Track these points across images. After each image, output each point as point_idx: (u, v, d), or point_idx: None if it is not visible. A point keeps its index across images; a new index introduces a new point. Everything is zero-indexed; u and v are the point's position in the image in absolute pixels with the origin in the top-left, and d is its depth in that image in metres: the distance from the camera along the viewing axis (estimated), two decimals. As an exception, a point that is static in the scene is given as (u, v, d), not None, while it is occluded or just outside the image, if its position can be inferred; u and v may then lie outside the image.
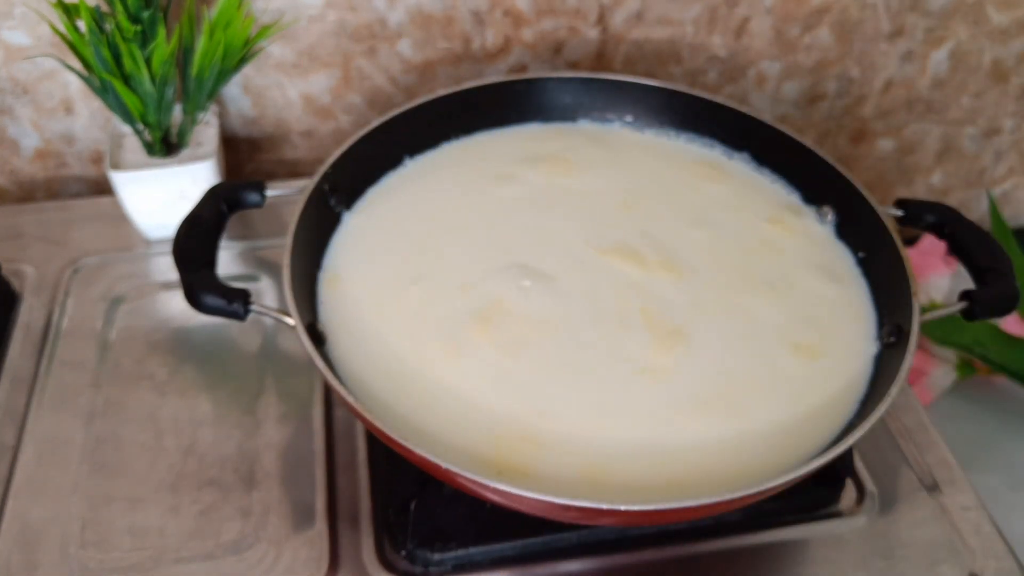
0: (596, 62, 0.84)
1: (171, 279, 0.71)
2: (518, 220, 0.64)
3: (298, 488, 0.58)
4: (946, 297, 0.89)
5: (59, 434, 0.61)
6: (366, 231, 0.65)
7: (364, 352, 0.57)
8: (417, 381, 0.55)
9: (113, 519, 0.56)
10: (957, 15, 0.86)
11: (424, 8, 0.78)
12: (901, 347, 0.53)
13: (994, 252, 0.58)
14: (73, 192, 0.85)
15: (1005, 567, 0.56)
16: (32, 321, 0.68)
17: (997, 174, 1.01)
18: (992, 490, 0.66)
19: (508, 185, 0.67)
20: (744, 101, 0.89)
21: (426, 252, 0.63)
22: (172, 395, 0.64)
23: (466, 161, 0.70)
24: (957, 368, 0.87)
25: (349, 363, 0.56)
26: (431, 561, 0.54)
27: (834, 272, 0.62)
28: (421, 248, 0.63)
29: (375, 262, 0.62)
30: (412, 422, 0.53)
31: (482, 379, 0.55)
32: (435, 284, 0.60)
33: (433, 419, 0.53)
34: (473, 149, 0.71)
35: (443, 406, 0.54)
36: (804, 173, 0.67)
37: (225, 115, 0.82)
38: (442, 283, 0.60)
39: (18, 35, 0.74)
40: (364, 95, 0.83)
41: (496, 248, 0.62)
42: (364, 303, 0.60)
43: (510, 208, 0.65)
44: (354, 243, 0.64)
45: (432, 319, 0.58)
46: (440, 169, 0.69)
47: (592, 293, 0.58)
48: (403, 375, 0.55)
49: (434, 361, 0.56)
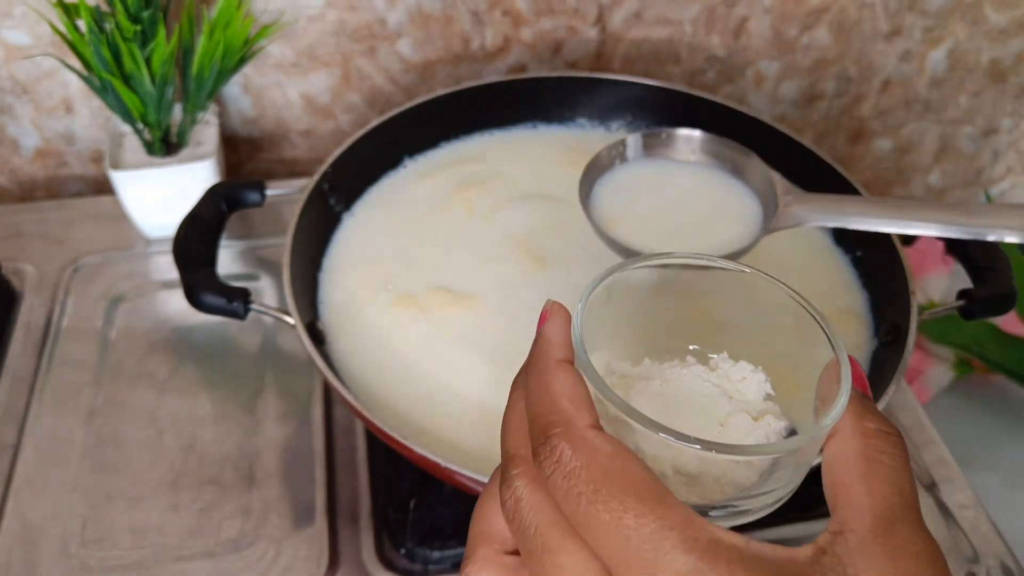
0: (595, 62, 0.85)
1: (171, 278, 0.72)
2: (518, 219, 0.64)
3: (298, 486, 0.58)
4: (944, 296, 0.89)
5: (59, 433, 0.61)
6: (366, 230, 0.65)
7: (364, 351, 0.57)
8: (417, 380, 0.55)
9: (113, 517, 0.57)
10: (955, 15, 0.86)
11: (423, 8, 0.78)
12: (899, 346, 0.54)
13: (992, 251, 0.58)
14: (73, 191, 0.85)
15: (1003, 565, 0.56)
16: (32, 320, 0.68)
17: (995, 173, 1.01)
18: (990, 488, 0.66)
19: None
20: (742, 101, 0.89)
21: (426, 251, 0.63)
22: (172, 394, 0.64)
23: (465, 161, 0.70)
24: (955, 367, 0.87)
25: (349, 362, 0.57)
26: (431, 559, 0.54)
27: (831, 271, 0.62)
28: (421, 247, 0.63)
29: (375, 261, 0.63)
30: (411, 421, 0.53)
31: (482, 378, 0.55)
32: (435, 283, 0.61)
33: (433, 418, 0.53)
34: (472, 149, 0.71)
35: (443, 405, 0.54)
36: (802, 173, 0.67)
37: (225, 114, 0.82)
38: (442, 282, 0.60)
39: (18, 34, 0.74)
40: (364, 95, 0.83)
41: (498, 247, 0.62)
42: (364, 302, 0.60)
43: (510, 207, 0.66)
44: (354, 242, 0.64)
45: (432, 318, 0.58)
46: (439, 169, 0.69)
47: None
48: (403, 374, 0.56)
49: (434, 359, 0.56)
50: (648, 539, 0.23)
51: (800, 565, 0.24)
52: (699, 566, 0.23)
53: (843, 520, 0.25)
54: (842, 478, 0.26)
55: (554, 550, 0.24)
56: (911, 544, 0.25)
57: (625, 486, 0.24)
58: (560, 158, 0.69)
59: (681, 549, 0.23)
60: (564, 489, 0.24)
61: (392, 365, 0.56)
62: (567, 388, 0.26)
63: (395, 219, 0.65)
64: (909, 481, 0.26)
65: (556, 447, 0.25)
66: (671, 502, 0.24)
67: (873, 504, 0.25)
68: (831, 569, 0.24)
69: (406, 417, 0.53)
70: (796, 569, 0.24)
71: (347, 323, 0.59)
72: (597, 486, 0.24)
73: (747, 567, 0.23)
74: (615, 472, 0.24)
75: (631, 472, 0.24)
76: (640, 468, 0.24)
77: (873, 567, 0.24)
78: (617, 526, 0.23)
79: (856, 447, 0.26)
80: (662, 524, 0.23)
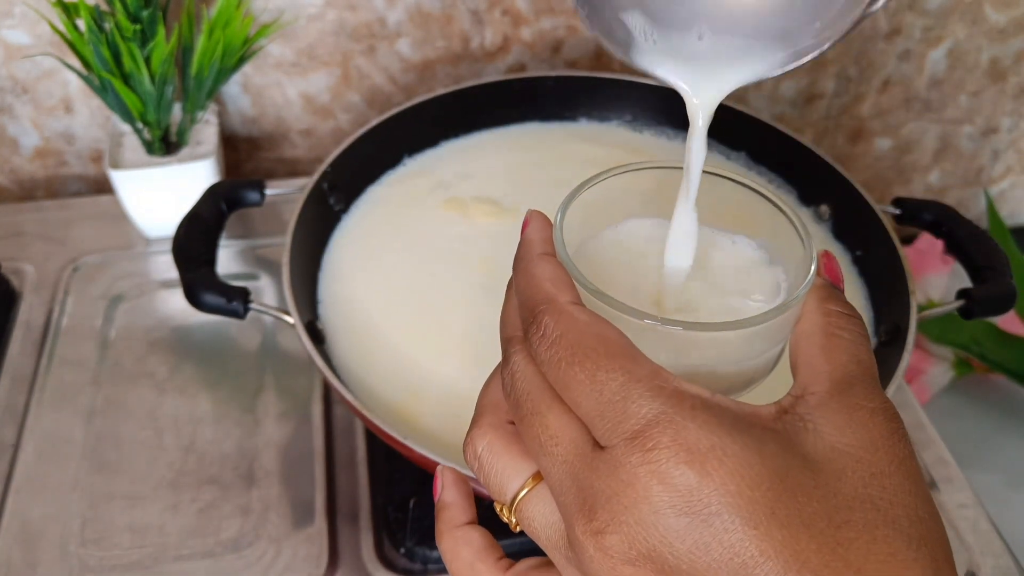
0: (595, 61, 0.85)
1: (171, 277, 0.72)
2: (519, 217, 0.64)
3: (297, 486, 0.58)
4: (943, 296, 0.89)
5: (59, 432, 0.61)
6: (366, 229, 0.65)
7: (363, 350, 0.57)
8: (417, 379, 0.55)
9: (113, 517, 0.57)
10: (955, 14, 0.86)
11: (423, 7, 0.78)
12: (898, 345, 0.54)
13: (991, 251, 0.58)
14: (73, 191, 0.85)
15: (1002, 565, 0.56)
16: (32, 319, 0.68)
17: (995, 173, 1.01)
18: (989, 488, 0.66)
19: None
20: (742, 100, 0.89)
21: (426, 250, 0.63)
22: (172, 393, 0.64)
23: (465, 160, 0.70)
24: (954, 366, 0.87)
25: (348, 361, 0.57)
26: (430, 559, 0.54)
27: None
28: (421, 246, 0.63)
29: (375, 260, 0.63)
30: (411, 420, 0.53)
31: (482, 377, 0.55)
32: (435, 282, 0.60)
33: (432, 417, 0.53)
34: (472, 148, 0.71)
35: (442, 404, 0.54)
36: (802, 172, 0.67)
37: (224, 114, 0.82)
38: (443, 281, 0.60)
39: (18, 34, 0.74)
40: (363, 94, 0.83)
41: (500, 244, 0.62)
42: (363, 301, 0.60)
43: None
44: (354, 241, 0.64)
45: (432, 317, 0.58)
46: (439, 168, 0.69)
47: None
48: (403, 373, 0.56)
49: (434, 359, 0.56)
50: (618, 391, 0.25)
51: (763, 419, 0.25)
52: (664, 410, 0.24)
53: (804, 384, 0.27)
54: (805, 350, 0.28)
55: (542, 412, 0.27)
56: (867, 401, 0.26)
57: (598, 347, 0.26)
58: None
59: (647, 396, 0.25)
60: (547, 357, 0.26)
61: (392, 364, 0.56)
62: (548, 273, 0.28)
63: (395, 218, 0.65)
64: (867, 353, 0.28)
65: (541, 322, 0.27)
66: (640, 359, 0.26)
67: (832, 370, 0.27)
68: (791, 424, 0.25)
69: (406, 416, 0.53)
70: (758, 421, 0.25)
71: (347, 323, 0.59)
72: (574, 350, 0.26)
73: (711, 413, 0.24)
74: (590, 336, 0.26)
75: (605, 335, 0.26)
76: (613, 332, 0.26)
77: (830, 422, 0.25)
78: (591, 382, 0.25)
79: (819, 324, 0.28)
80: (630, 376, 0.25)
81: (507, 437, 0.29)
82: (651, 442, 0.24)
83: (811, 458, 0.25)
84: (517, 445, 0.29)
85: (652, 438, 0.24)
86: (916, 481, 0.25)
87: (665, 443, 0.24)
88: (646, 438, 0.24)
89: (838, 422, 0.25)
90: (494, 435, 0.29)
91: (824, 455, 0.25)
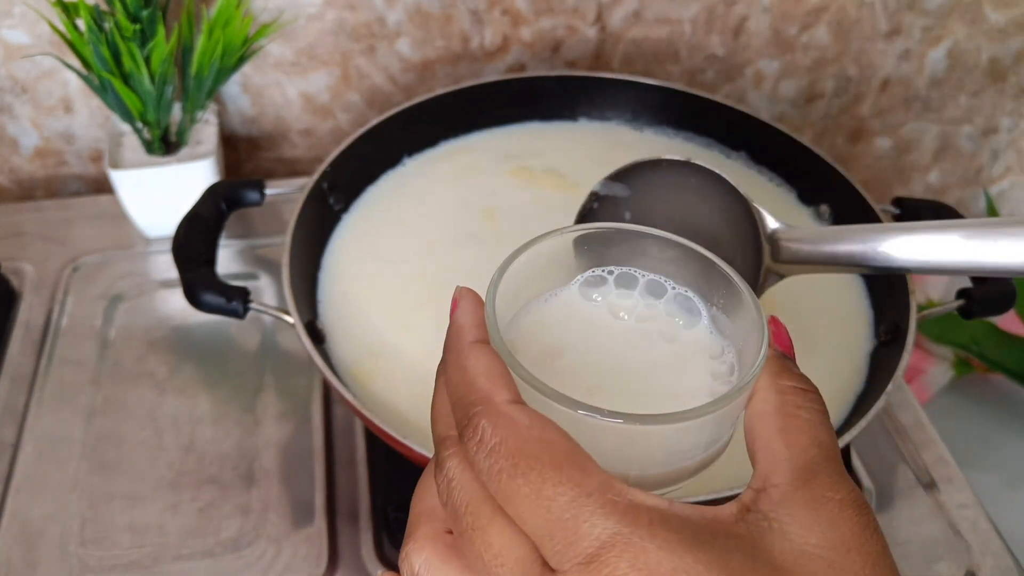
0: (594, 61, 0.85)
1: (170, 277, 0.72)
2: (518, 218, 0.64)
3: (297, 485, 0.58)
4: (943, 295, 0.89)
5: (59, 432, 0.61)
6: (365, 229, 0.65)
7: (363, 350, 0.57)
8: (416, 378, 0.55)
9: (113, 516, 0.57)
10: (954, 14, 0.86)
11: (423, 7, 0.78)
12: (898, 345, 0.54)
13: (991, 250, 0.58)
14: (72, 190, 0.85)
15: (1002, 564, 0.56)
16: (32, 319, 0.68)
17: (994, 172, 1.02)
18: (989, 487, 0.66)
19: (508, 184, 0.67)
20: (742, 100, 0.89)
21: (425, 250, 0.63)
22: (171, 393, 0.64)
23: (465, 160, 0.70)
24: (954, 366, 0.87)
25: (348, 361, 0.57)
26: (430, 558, 0.54)
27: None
28: (420, 246, 0.63)
29: (374, 260, 0.63)
30: (411, 419, 0.53)
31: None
32: (435, 282, 0.61)
33: (432, 417, 0.53)
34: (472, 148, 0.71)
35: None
36: (802, 172, 0.67)
37: (224, 114, 0.82)
38: (442, 281, 0.60)
39: (17, 34, 0.74)
40: (363, 94, 0.83)
41: (499, 246, 0.62)
42: (363, 301, 0.60)
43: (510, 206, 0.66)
44: (353, 241, 0.64)
45: (432, 317, 0.58)
46: (439, 168, 0.69)
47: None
48: (403, 372, 0.56)
49: (434, 358, 0.56)
50: (567, 507, 0.23)
51: (725, 524, 0.24)
52: (619, 529, 0.22)
53: (764, 475, 0.25)
54: (761, 434, 0.26)
55: (484, 527, 0.24)
56: (832, 492, 0.24)
57: (542, 456, 0.23)
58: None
59: (600, 514, 0.22)
60: (487, 467, 0.24)
61: (392, 364, 0.56)
62: (482, 367, 0.26)
63: (395, 218, 0.65)
64: (828, 433, 0.26)
65: (477, 426, 0.24)
66: (590, 468, 0.23)
67: (792, 457, 0.25)
68: (755, 525, 0.24)
69: (406, 416, 0.53)
70: (721, 528, 0.23)
71: (347, 322, 0.59)
72: (515, 459, 0.23)
73: (669, 528, 0.22)
74: (532, 442, 0.24)
75: (548, 441, 0.24)
76: (558, 436, 0.24)
77: (796, 519, 0.24)
78: (537, 498, 0.23)
79: (774, 403, 0.26)
80: (580, 491, 0.23)
81: (445, 551, 0.26)
82: (607, 568, 0.22)
83: (779, 565, 0.23)
84: (457, 559, 0.26)
85: (608, 563, 0.22)
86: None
87: (623, 569, 0.22)
88: (602, 563, 0.22)
89: (805, 519, 0.24)
90: (431, 549, 0.26)
91: (793, 560, 0.23)
